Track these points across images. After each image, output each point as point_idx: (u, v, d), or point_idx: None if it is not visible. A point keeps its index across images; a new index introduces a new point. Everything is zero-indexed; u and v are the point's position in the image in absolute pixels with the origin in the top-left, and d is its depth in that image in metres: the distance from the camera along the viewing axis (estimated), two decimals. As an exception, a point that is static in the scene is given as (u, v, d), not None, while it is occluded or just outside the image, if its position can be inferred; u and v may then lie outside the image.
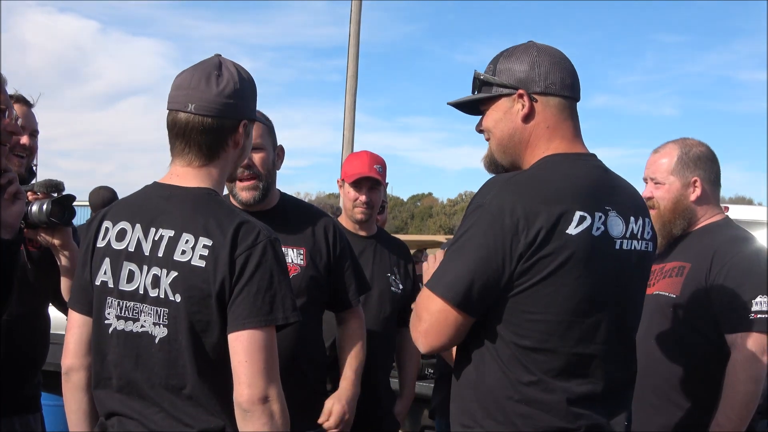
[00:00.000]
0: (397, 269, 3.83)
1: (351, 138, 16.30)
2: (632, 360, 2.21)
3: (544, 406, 2.02)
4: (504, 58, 2.21)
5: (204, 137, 2.12)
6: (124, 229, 2.13)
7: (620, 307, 2.11)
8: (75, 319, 2.24)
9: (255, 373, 1.97)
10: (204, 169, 2.15)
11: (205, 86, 2.12)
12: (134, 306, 2.08)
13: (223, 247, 2.01)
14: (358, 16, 16.32)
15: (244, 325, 1.99)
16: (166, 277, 2.04)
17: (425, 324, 2.05)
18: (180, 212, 2.09)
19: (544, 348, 2.02)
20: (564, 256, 1.99)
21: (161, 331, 2.05)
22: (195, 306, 2.01)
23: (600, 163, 2.22)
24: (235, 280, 2.00)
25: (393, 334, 3.83)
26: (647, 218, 2.23)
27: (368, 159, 3.78)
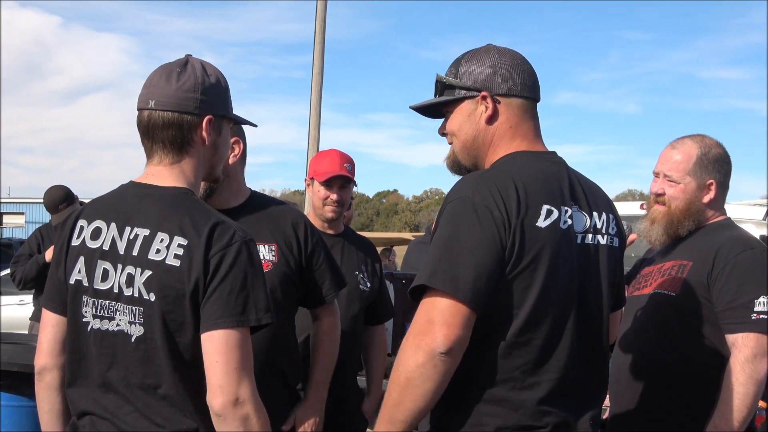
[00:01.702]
0: (365, 267, 3.83)
1: (317, 135, 16.27)
2: (599, 358, 2.22)
3: (512, 404, 2.02)
4: (465, 61, 2.23)
5: (166, 133, 2.11)
6: (99, 228, 2.11)
7: (584, 301, 2.13)
8: (49, 318, 2.22)
9: (227, 374, 1.94)
10: (176, 166, 2.14)
11: (165, 83, 2.13)
12: (109, 305, 2.06)
13: (197, 246, 1.99)
14: (324, 12, 16.29)
15: (217, 325, 1.97)
16: (140, 276, 2.02)
17: (439, 322, 1.94)
18: (155, 211, 2.07)
19: (519, 342, 2.02)
20: (536, 249, 2.01)
21: (137, 329, 2.03)
22: (169, 305, 2.00)
23: (561, 159, 2.25)
24: (209, 279, 1.98)
25: (360, 333, 3.83)
26: (611, 214, 2.26)
27: (339, 157, 3.77)
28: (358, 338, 3.79)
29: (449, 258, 1.98)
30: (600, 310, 2.21)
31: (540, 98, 2.27)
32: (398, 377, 1.99)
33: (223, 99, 2.21)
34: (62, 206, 6.20)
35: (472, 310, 1.95)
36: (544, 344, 2.04)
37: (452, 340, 1.93)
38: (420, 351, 1.94)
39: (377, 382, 3.95)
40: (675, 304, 2.93)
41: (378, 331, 3.97)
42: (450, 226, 2.02)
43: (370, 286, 3.81)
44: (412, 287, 2.03)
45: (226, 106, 2.22)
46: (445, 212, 2.06)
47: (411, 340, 1.97)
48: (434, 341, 1.93)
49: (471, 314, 1.95)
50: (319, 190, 3.74)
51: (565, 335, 2.07)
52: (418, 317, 1.99)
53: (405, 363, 1.97)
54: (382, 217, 79.25)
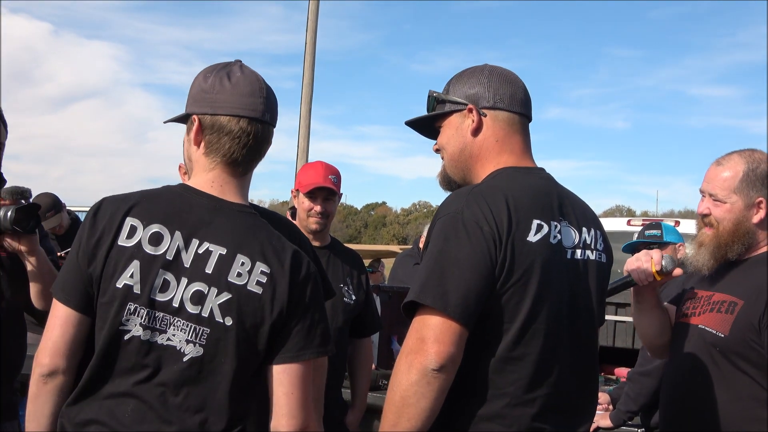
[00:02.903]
0: (350, 280, 3.83)
1: (306, 146, 16.27)
2: (590, 373, 2.22)
3: (507, 421, 2.02)
4: (456, 78, 2.29)
5: (259, 145, 2.10)
6: (160, 234, 1.99)
7: (574, 316, 2.13)
8: (62, 314, 2.02)
9: (301, 406, 1.96)
10: (246, 179, 2.14)
11: (271, 97, 2.13)
12: (164, 317, 1.96)
13: (282, 276, 1.98)
14: (315, 23, 16.31)
15: (297, 358, 1.98)
16: (215, 297, 1.96)
17: (431, 339, 1.95)
18: (229, 229, 2.02)
19: (512, 357, 2.02)
20: (527, 263, 2.02)
21: (195, 349, 1.95)
22: (246, 332, 1.95)
23: (549, 175, 2.27)
24: (292, 311, 1.98)
25: (345, 345, 3.83)
26: (599, 230, 2.27)
27: (323, 169, 3.79)
28: (341, 351, 3.78)
29: (438, 275, 1.99)
30: (590, 325, 2.21)
31: (531, 116, 2.29)
32: (393, 397, 1.98)
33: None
34: (50, 213, 6.18)
35: (463, 326, 1.96)
36: (536, 359, 2.04)
37: (444, 357, 1.93)
38: (413, 369, 1.94)
39: (362, 394, 3.95)
40: (724, 345, 2.70)
41: (364, 344, 3.97)
42: (439, 243, 2.03)
43: (355, 298, 3.81)
44: (404, 304, 2.03)
45: None
46: (435, 229, 2.07)
47: (404, 359, 1.97)
48: (426, 359, 1.93)
49: (462, 331, 1.96)
50: (304, 202, 3.76)
51: (556, 350, 2.08)
52: (410, 335, 1.99)
53: (399, 382, 1.97)
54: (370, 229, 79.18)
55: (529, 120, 2.29)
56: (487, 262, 1.98)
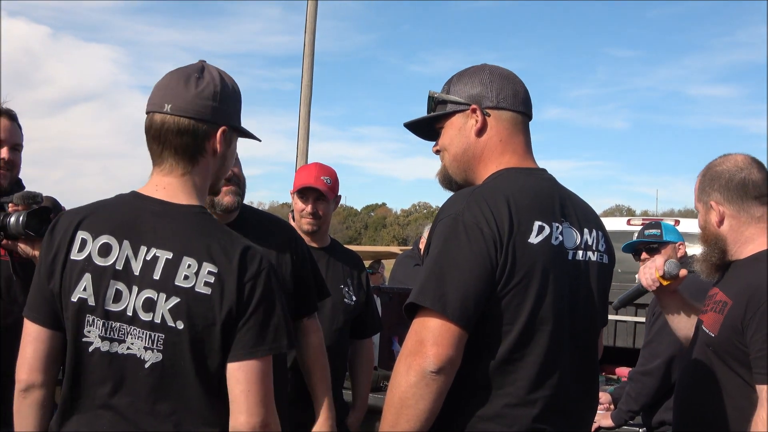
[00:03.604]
0: (351, 281, 3.83)
1: (305, 148, 16.26)
2: (591, 374, 2.22)
3: (507, 421, 2.02)
4: (457, 78, 2.27)
5: (180, 140, 2.02)
6: (109, 245, 1.99)
7: (575, 318, 2.13)
8: (34, 331, 2.07)
9: (257, 403, 1.93)
10: (187, 177, 2.05)
11: (183, 87, 2.03)
12: (120, 327, 1.96)
13: (230, 274, 1.94)
14: (314, 25, 16.31)
15: (250, 355, 1.94)
16: (165, 302, 1.95)
17: (429, 341, 1.94)
18: (175, 232, 1.99)
19: (513, 358, 2.02)
20: (528, 265, 2.01)
21: (154, 356, 1.95)
22: (199, 334, 1.93)
23: (551, 176, 2.26)
24: (242, 308, 1.94)
25: (345, 346, 3.83)
26: (600, 231, 2.26)
27: (315, 170, 3.80)
28: (342, 352, 3.79)
29: (438, 277, 1.98)
30: (591, 327, 2.21)
31: (532, 115, 2.29)
32: (392, 398, 1.98)
33: (238, 110, 2.14)
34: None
35: (462, 328, 1.95)
36: (537, 360, 2.03)
37: (442, 360, 1.93)
38: (411, 371, 1.94)
39: (363, 395, 3.95)
40: (716, 345, 2.71)
41: (364, 345, 3.97)
42: (440, 245, 2.02)
43: (356, 299, 3.81)
44: (406, 305, 2.03)
45: (239, 117, 2.15)
46: (436, 231, 2.06)
47: (403, 361, 1.97)
48: (425, 361, 1.93)
49: (461, 333, 1.95)
50: (297, 202, 3.79)
51: (558, 351, 2.07)
52: (409, 337, 1.99)
53: (398, 384, 1.97)
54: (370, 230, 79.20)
55: (530, 119, 2.28)
56: (486, 265, 1.98)
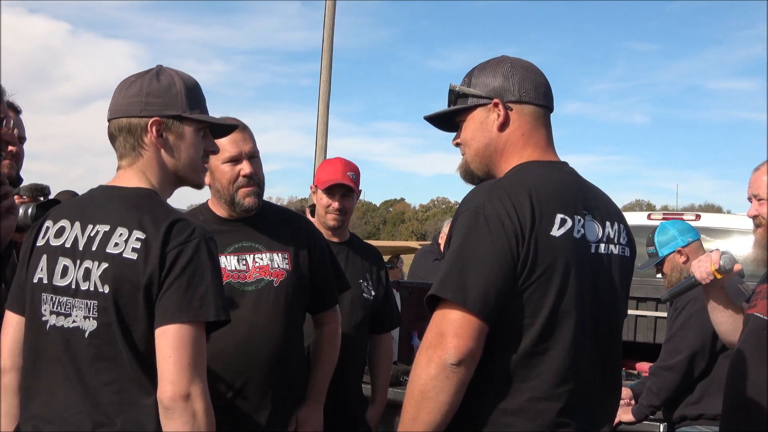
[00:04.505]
0: (370, 275, 3.84)
1: (324, 144, 16.28)
2: (614, 369, 2.22)
3: (530, 415, 2.01)
4: (478, 70, 2.26)
5: (120, 138, 2.16)
6: (63, 227, 2.13)
7: (598, 311, 2.12)
8: (10, 319, 2.22)
9: (179, 370, 1.93)
10: (135, 168, 2.16)
11: (117, 93, 2.19)
12: (67, 301, 2.06)
13: (155, 240, 2.00)
14: (332, 21, 16.31)
15: (172, 319, 1.96)
16: (96, 269, 2.03)
17: (450, 334, 1.94)
18: (117, 209, 2.10)
19: (536, 351, 2.01)
20: (550, 258, 2.01)
21: (90, 324, 2.02)
22: (123, 298, 2.00)
23: (572, 169, 2.25)
24: (165, 274, 1.98)
25: (364, 341, 3.83)
26: (622, 224, 2.26)
27: (341, 166, 3.79)
28: (361, 346, 3.80)
29: (459, 269, 1.98)
30: (614, 320, 2.20)
31: (553, 108, 2.28)
32: (413, 391, 1.98)
33: (177, 101, 2.16)
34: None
35: (483, 321, 1.95)
36: (561, 354, 2.03)
37: (463, 352, 1.93)
38: (432, 363, 1.94)
39: (382, 390, 3.95)
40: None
41: (383, 339, 3.97)
42: (460, 238, 2.02)
43: (375, 294, 3.81)
44: (426, 298, 2.03)
45: (182, 107, 2.16)
46: (457, 223, 2.06)
47: (423, 353, 1.97)
48: (445, 353, 1.93)
49: (482, 326, 1.95)
50: (322, 198, 3.77)
51: (581, 345, 2.06)
52: (429, 330, 1.99)
53: (418, 376, 1.97)
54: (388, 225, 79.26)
55: (551, 111, 2.27)
56: (508, 257, 1.97)
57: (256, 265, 3.03)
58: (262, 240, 3.07)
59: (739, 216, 6.82)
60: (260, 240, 3.07)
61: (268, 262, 3.05)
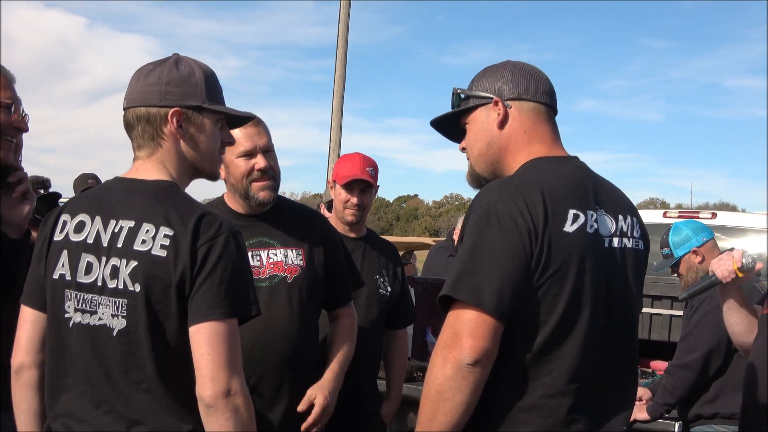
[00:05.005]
0: (386, 271, 3.83)
1: (338, 139, 16.28)
2: (629, 365, 2.21)
3: (543, 411, 2.01)
4: (480, 75, 2.30)
5: (138, 128, 2.12)
6: (83, 222, 2.10)
7: (613, 307, 2.11)
8: (27, 314, 2.18)
9: (218, 366, 1.93)
10: (154, 159, 2.13)
11: (135, 81, 2.15)
12: (92, 298, 2.04)
13: (184, 237, 1.98)
14: (347, 17, 16.31)
15: (207, 317, 1.95)
16: (125, 267, 2.01)
17: (465, 334, 1.93)
18: (140, 203, 2.06)
19: (550, 348, 2.01)
20: (564, 254, 2.00)
21: (119, 322, 2.00)
22: (155, 296, 1.98)
23: (583, 164, 2.25)
24: (196, 270, 1.97)
25: (380, 336, 3.83)
26: (635, 217, 2.25)
27: (360, 161, 3.78)
28: (376, 342, 3.79)
29: (472, 269, 1.98)
30: (629, 315, 2.19)
31: (557, 108, 2.29)
32: (429, 391, 1.98)
33: (196, 92, 2.13)
34: (91, 181, 6.25)
35: (498, 320, 1.94)
36: (575, 350, 2.03)
37: (479, 352, 1.92)
38: (447, 364, 1.94)
39: (397, 386, 3.95)
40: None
41: (399, 335, 3.97)
42: (473, 237, 2.02)
43: (391, 290, 3.81)
44: (439, 298, 2.02)
45: (202, 97, 2.14)
46: (469, 222, 2.06)
47: (438, 354, 1.97)
48: (461, 353, 1.93)
49: (497, 325, 1.95)
50: (340, 194, 3.76)
51: (596, 340, 2.06)
52: (444, 330, 1.99)
53: (434, 377, 1.97)
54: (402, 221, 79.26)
55: (555, 112, 2.28)
56: (521, 255, 1.97)
57: (270, 261, 3.03)
58: (276, 236, 3.07)
59: (755, 215, 6.79)
60: (275, 236, 3.07)
61: (282, 258, 3.04)
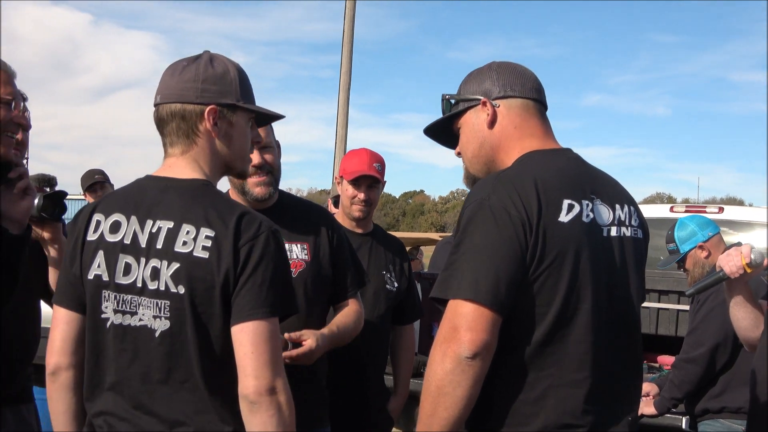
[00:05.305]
0: (393, 267, 3.83)
1: (344, 135, 16.30)
2: (634, 354, 2.21)
3: (552, 403, 2.01)
4: (466, 79, 2.33)
5: (172, 124, 2.12)
6: (118, 222, 2.09)
7: (613, 296, 2.12)
8: (61, 315, 2.18)
9: (261, 365, 1.94)
10: (188, 156, 2.13)
11: (169, 77, 2.14)
12: (132, 299, 2.04)
13: (225, 237, 1.98)
14: (353, 12, 16.32)
15: (250, 316, 1.96)
16: (166, 269, 2.01)
17: (463, 327, 1.94)
18: (177, 203, 2.06)
19: (553, 339, 2.02)
20: (560, 244, 2.01)
21: (162, 324, 2.01)
22: (199, 298, 1.98)
23: (576, 155, 2.26)
24: (239, 271, 1.98)
25: (387, 332, 3.83)
26: (633, 206, 2.26)
27: (368, 157, 3.78)
28: (384, 338, 3.80)
29: (467, 262, 1.99)
30: (631, 303, 2.20)
31: (546, 103, 2.30)
32: (429, 386, 1.99)
33: (231, 90, 2.15)
34: (98, 176, 6.26)
35: (495, 312, 1.95)
36: (577, 340, 2.03)
37: (478, 345, 1.93)
38: (447, 358, 1.95)
39: (404, 381, 3.96)
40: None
41: (406, 331, 3.98)
42: (467, 231, 2.03)
43: (398, 286, 3.81)
44: (433, 293, 2.03)
45: (237, 96, 2.16)
46: (463, 217, 2.07)
47: (437, 348, 1.98)
48: (460, 347, 1.93)
49: (495, 317, 1.95)
50: (348, 189, 3.76)
51: (597, 330, 2.05)
52: (443, 325, 1.99)
53: (434, 371, 1.98)
54: (408, 217, 79.27)
55: (544, 107, 2.29)
56: (516, 248, 1.98)
57: None
58: (281, 231, 3.06)
59: (762, 209, 6.77)
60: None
61: None
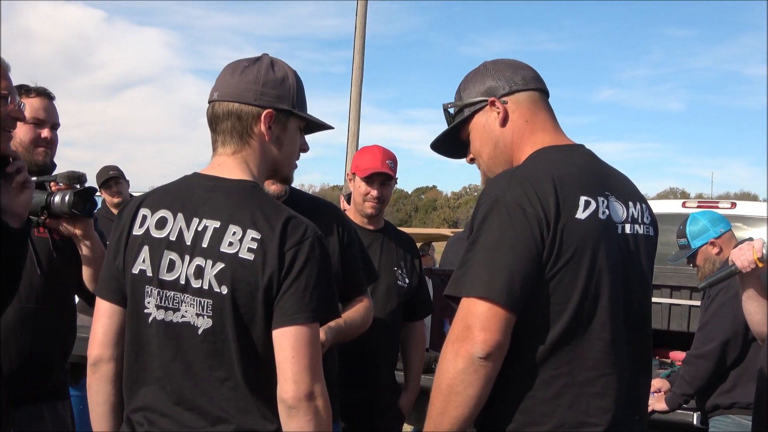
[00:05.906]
0: (404, 263, 3.84)
1: (356, 130, 16.30)
2: (647, 351, 2.21)
3: (567, 401, 2.00)
4: (464, 83, 2.31)
5: (227, 123, 2.12)
6: (165, 218, 2.10)
7: (629, 293, 2.11)
8: (104, 308, 2.19)
9: (301, 370, 1.95)
10: (239, 157, 2.14)
11: (230, 76, 2.15)
12: (175, 296, 2.05)
13: (272, 240, 1.99)
14: (365, 8, 16.30)
15: (293, 321, 1.97)
16: (211, 269, 2.02)
17: (477, 327, 1.92)
18: (224, 203, 2.07)
19: (571, 337, 2.00)
20: (577, 241, 2.00)
21: (205, 322, 2.02)
22: (242, 299, 1.99)
23: (590, 151, 2.26)
24: (283, 275, 1.98)
25: (398, 328, 3.85)
26: (644, 204, 2.25)
27: (381, 154, 3.79)
28: (395, 334, 3.81)
29: (482, 261, 1.98)
30: (645, 300, 2.20)
31: (547, 90, 2.30)
32: (440, 385, 1.98)
33: (288, 96, 2.17)
34: (113, 172, 6.30)
35: (510, 312, 1.93)
36: (594, 337, 2.02)
37: (491, 345, 1.91)
38: (459, 357, 1.93)
39: (415, 377, 3.97)
40: None
41: (416, 327, 3.99)
42: (482, 229, 2.01)
43: (409, 282, 3.82)
44: (448, 290, 2.02)
45: (293, 102, 2.18)
46: (478, 214, 2.05)
47: (450, 347, 1.96)
48: (473, 347, 1.92)
49: (509, 317, 1.93)
50: (360, 186, 3.76)
51: (615, 328, 2.04)
52: (455, 323, 1.98)
53: (446, 370, 1.96)
54: (420, 213, 79.21)
55: (547, 94, 2.29)
56: (531, 245, 1.96)
57: None
58: None
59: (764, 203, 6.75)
60: None
61: None
